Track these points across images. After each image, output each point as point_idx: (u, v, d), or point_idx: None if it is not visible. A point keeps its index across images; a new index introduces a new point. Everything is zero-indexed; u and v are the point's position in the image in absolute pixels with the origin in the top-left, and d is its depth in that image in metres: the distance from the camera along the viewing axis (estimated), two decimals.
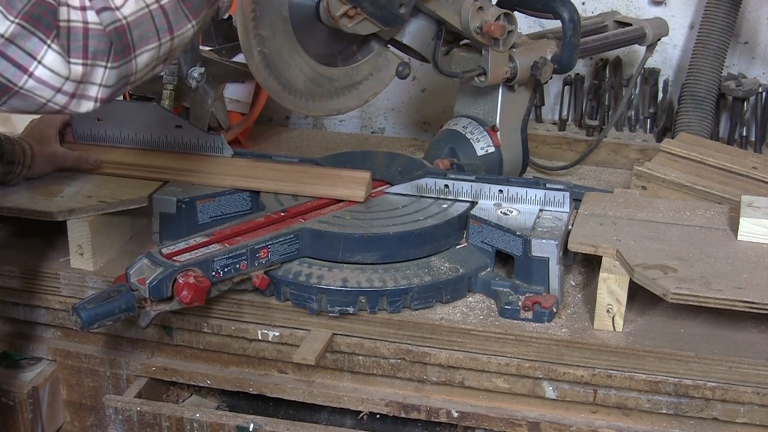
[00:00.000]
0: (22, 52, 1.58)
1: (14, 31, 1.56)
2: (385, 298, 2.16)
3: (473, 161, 2.63)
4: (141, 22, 1.68)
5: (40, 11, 1.58)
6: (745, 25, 3.27)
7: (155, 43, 1.72)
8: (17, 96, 1.61)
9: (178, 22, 1.74)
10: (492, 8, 2.53)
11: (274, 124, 3.66)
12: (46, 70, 1.60)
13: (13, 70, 1.58)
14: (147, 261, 2.11)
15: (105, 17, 1.63)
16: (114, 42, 1.64)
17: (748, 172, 2.64)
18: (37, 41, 1.58)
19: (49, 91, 1.62)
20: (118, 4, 1.65)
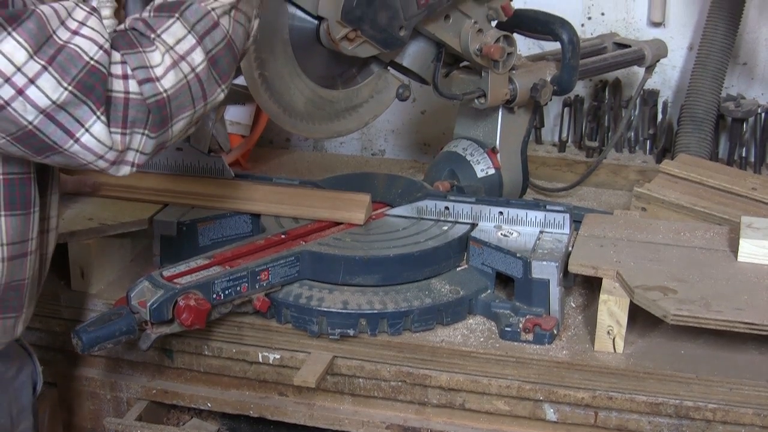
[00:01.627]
0: (71, 119, 1.59)
1: (66, 99, 1.57)
2: (385, 321, 2.16)
3: (473, 183, 2.63)
4: (179, 94, 1.70)
5: (93, 81, 1.59)
6: (744, 46, 3.28)
7: (190, 111, 1.74)
8: (61, 155, 1.63)
9: (210, 88, 1.76)
10: (491, 30, 2.54)
11: (275, 146, 3.66)
12: (92, 138, 1.61)
13: (61, 134, 1.59)
14: (148, 283, 2.11)
15: (146, 89, 1.65)
16: (153, 114, 1.67)
17: (748, 192, 2.64)
18: (87, 110, 1.59)
19: (92, 156, 1.64)
20: (158, 74, 1.67)
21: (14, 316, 1.84)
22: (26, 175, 1.76)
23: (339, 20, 2.23)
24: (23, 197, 1.76)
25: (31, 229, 1.80)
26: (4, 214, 1.74)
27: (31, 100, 1.55)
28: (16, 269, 1.79)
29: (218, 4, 1.77)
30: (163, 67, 1.68)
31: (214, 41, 1.75)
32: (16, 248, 1.77)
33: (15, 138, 1.59)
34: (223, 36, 1.77)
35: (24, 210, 1.77)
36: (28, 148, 1.62)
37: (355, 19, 2.24)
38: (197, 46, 1.73)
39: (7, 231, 1.75)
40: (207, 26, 1.74)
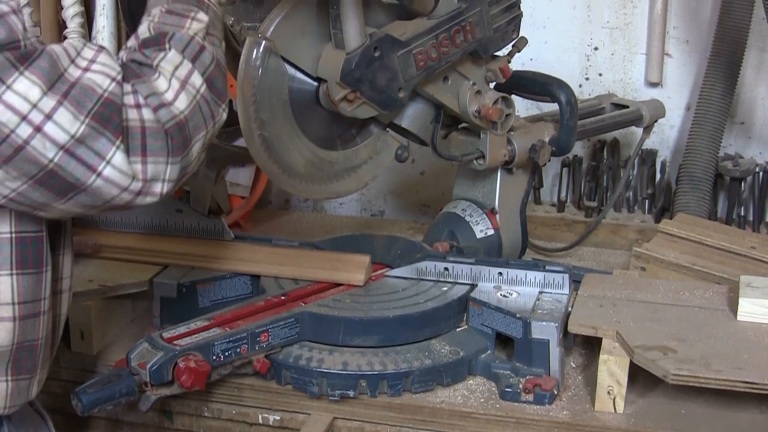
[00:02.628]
0: (91, 152, 1.58)
1: (84, 132, 1.57)
2: (385, 382, 2.16)
3: (472, 244, 2.64)
4: (194, 114, 1.71)
5: (109, 112, 1.59)
6: (741, 106, 3.30)
7: (204, 131, 1.74)
8: (84, 193, 1.62)
9: (215, 108, 1.77)
10: (490, 92, 2.56)
11: (275, 207, 3.68)
12: (115, 171, 1.61)
13: (82, 170, 1.59)
14: (148, 345, 2.11)
15: (162, 115, 1.65)
16: (174, 137, 1.66)
17: (747, 251, 2.64)
18: (106, 142, 1.59)
19: (116, 189, 1.63)
20: (170, 98, 1.67)
21: (28, 377, 1.82)
22: (38, 234, 1.75)
23: (338, 81, 2.25)
24: (35, 256, 1.76)
25: (44, 289, 1.79)
26: (16, 273, 1.73)
27: (50, 136, 1.55)
28: (28, 329, 1.77)
29: (196, 29, 1.80)
30: (172, 91, 1.69)
31: (204, 64, 1.77)
32: (29, 308, 1.76)
33: (37, 180, 1.58)
34: (211, 58, 1.78)
35: (36, 269, 1.76)
36: (51, 191, 1.60)
37: (355, 80, 2.25)
38: (194, 70, 1.74)
39: (18, 290, 1.74)
40: (195, 50, 1.76)
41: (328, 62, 2.28)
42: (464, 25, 2.43)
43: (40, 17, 3.28)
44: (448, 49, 2.41)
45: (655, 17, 3.26)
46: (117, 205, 1.68)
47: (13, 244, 1.72)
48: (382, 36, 2.28)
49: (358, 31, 2.24)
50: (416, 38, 2.34)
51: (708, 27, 3.24)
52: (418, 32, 2.35)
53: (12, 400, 1.80)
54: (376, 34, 2.28)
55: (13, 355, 1.77)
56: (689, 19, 3.28)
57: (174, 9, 1.83)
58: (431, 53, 2.37)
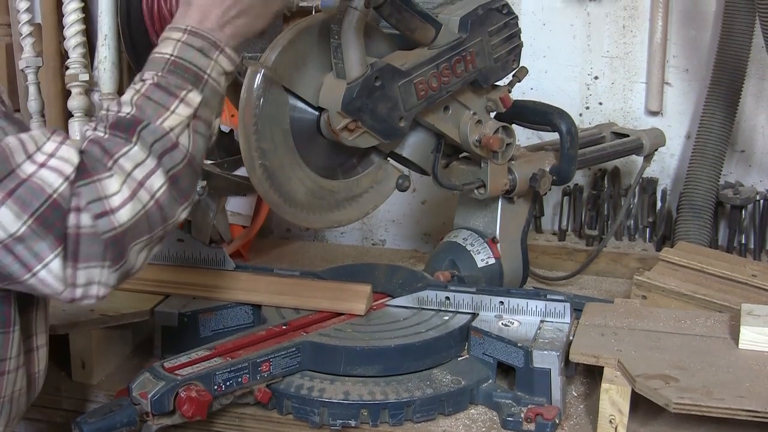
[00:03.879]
0: (28, 253, 1.56)
1: (25, 233, 1.54)
2: (386, 411, 2.16)
3: (474, 273, 2.64)
4: (137, 225, 1.66)
5: (54, 218, 1.56)
6: (741, 134, 3.30)
7: (147, 236, 1.69)
8: (21, 285, 1.61)
9: (171, 210, 1.72)
10: (490, 121, 2.56)
11: (276, 236, 3.68)
12: (49, 275, 1.58)
13: (18, 266, 1.57)
14: (149, 375, 2.11)
15: (101, 224, 1.61)
16: (111, 249, 1.62)
17: (748, 279, 2.64)
18: (46, 246, 1.56)
19: (50, 291, 1.61)
20: (114, 205, 1.63)
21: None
22: (3, 295, 1.72)
23: (339, 111, 2.25)
24: (2, 317, 1.73)
25: (9, 349, 1.76)
26: None
27: None
28: None
29: (176, 122, 1.74)
30: (120, 196, 1.63)
31: (174, 161, 1.72)
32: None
33: None
34: (183, 156, 1.73)
35: (2, 329, 1.74)
36: None
37: (356, 110, 2.26)
38: (157, 168, 1.69)
39: None
40: (165, 146, 1.71)
41: (329, 92, 2.29)
42: (465, 55, 2.44)
43: (42, 48, 3.31)
44: (448, 79, 2.41)
45: (655, 46, 3.27)
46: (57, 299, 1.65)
47: None
48: (383, 66, 2.29)
49: (359, 60, 2.25)
50: (417, 68, 2.35)
51: (708, 56, 3.25)
52: (419, 62, 2.36)
53: None
54: (377, 63, 2.29)
55: None
56: (689, 48, 3.30)
57: (166, 83, 1.77)
58: (432, 83, 2.38)
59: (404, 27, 2.34)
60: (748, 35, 3.07)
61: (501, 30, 2.53)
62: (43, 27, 3.28)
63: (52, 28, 3.28)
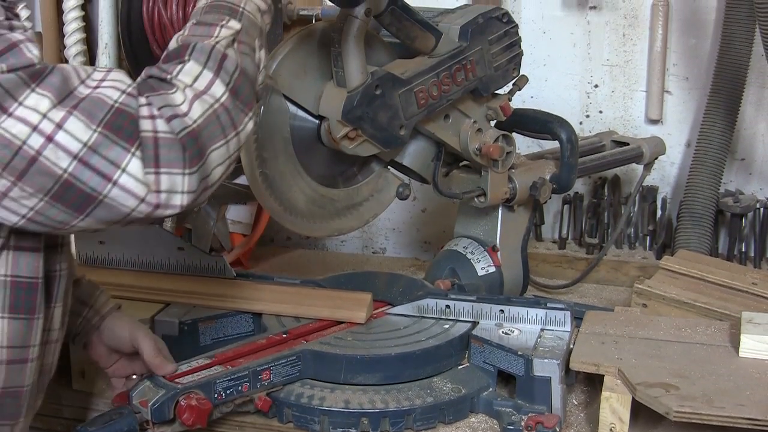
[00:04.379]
0: (105, 161, 1.57)
1: (97, 140, 1.56)
2: (387, 420, 2.15)
3: (474, 281, 2.64)
4: (209, 123, 1.68)
5: (121, 121, 1.59)
6: (741, 142, 3.31)
7: (222, 140, 1.71)
8: (102, 206, 1.60)
9: (238, 117, 1.74)
10: (491, 130, 2.57)
11: (276, 245, 3.68)
12: (130, 178, 1.59)
13: (98, 179, 1.58)
14: (149, 383, 2.11)
15: (175, 125, 1.63)
16: (189, 147, 1.64)
17: (748, 287, 2.64)
18: (120, 150, 1.58)
19: (133, 200, 1.61)
20: (184, 110, 1.65)
21: (10, 423, 1.82)
22: (34, 281, 1.75)
23: (340, 119, 2.26)
24: (28, 302, 1.75)
25: (34, 336, 1.79)
26: (7, 317, 1.73)
27: (62, 145, 1.55)
28: (15, 375, 1.77)
29: (220, 38, 1.77)
30: (187, 103, 1.66)
31: (228, 72, 1.74)
32: (17, 353, 1.76)
33: (53, 195, 1.57)
34: (234, 65, 1.76)
35: (27, 315, 1.76)
36: (68, 206, 1.59)
37: (356, 118, 2.26)
38: (215, 79, 1.72)
39: (8, 334, 1.73)
40: (217, 59, 1.74)
41: (329, 100, 2.29)
42: (465, 64, 2.45)
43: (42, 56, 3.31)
44: (449, 87, 2.42)
45: (655, 55, 3.28)
46: (136, 219, 1.65)
47: (7, 287, 1.72)
48: (383, 74, 2.30)
49: (360, 69, 2.25)
50: (417, 76, 2.35)
51: (708, 64, 3.25)
52: (419, 70, 2.36)
53: None
54: (377, 72, 2.29)
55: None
56: (689, 57, 3.30)
57: (204, 20, 1.82)
58: (432, 91, 2.38)
59: (404, 36, 2.34)
60: (748, 43, 3.07)
61: (501, 38, 2.53)
62: (44, 35, 3.28)
63: (52, 36, 3.29)
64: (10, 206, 1.59)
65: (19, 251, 1.73)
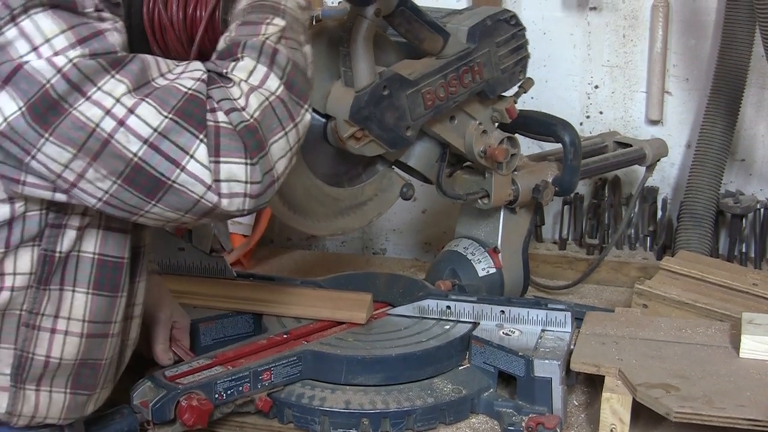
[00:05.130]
0: (175, 147, 1.61)
1: (167, 126, 1.60)
2: (387, 420, 2.15)
3: (474, 282, 2.64)
4: (266, 116, 1.71)
5: (192, 107, 1.63)
6: (742, 143, 3.31)
7: (281, 132, 1.73)
8: (171, 191, 1.63)
9: (295, 109, 1.77)
10: (495, 132, 2.57)
11: (276, 245, 3.68)
12: (198, 165, 1.63)
13: (167, 164, 1.61)
14: (150, 383, 2.11)
15: (234, 118, 1.66)
16: (247, 140, 1.67)
17: (749, 288, 2.64)
18: (190, 136, 1.62)
19: (200, 186, 1.64)
20: (242, 104, 1.69)
21: (87, 394, 1.86)
22: (120, 260, 1.81)
23: (347, 119, 2.26)
24: (113, 281, 1.80)
25: (116, 313, 1.83)
26: (91, 293, 1.78)
27: (133, 129, 1.58)
28: (94, 348, 1.82)
29: (268, 34, 1.80)
30: (243, 97, 1.70)
31: (281, 66, 1.77)
32: (98, 327, 1.80)
33: (125, 179, 1.61)
34: (286, 59, 1.78)
35: (111, 293, 1.81)
36: (140, 190, 1.63)
37: (363, 118, 2.26)
38: (269, 73, 1.75)
39: (90, 309, 1.78)
40: (269, 54, 1.77)
41: (336, 100, 2.29)
42: (472, 66, 2.45)
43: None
44: (456, 89, 2.42)
45: (655, 56, 3.28)
46: (206, 209, 1.68)
47: (94, 265, 1.77)
48: (391, 75, 2.30)
49: (368, 69, 2.26)
50: (425, 78, 2.35)
51: (708, 65, 3.25)
52: (427, 72, 2.36)
53: (68, 412, 1.84)
54: (385, 72, 2.30)
55: (75, 370, 1.81)
56: (689, 58, 3.30)
57: (249, 20, 1.84)
58: (439, 93, 2.38)
59: (413, 37, 2.34)
60: (749, 44, 3.07)
61: (509, 41, 2.53)
62: None
63: None
64: (87, 188, 1.63)
65: (108, 230, 1.79)
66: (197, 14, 1.93)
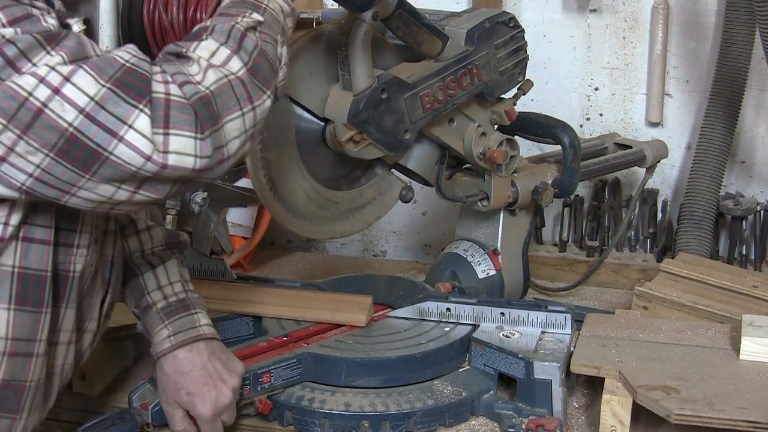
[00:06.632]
0: (112, 117, 1.55)
1: (105, 95, 1.55)
2: (387, 423, 2.15)
3: (474, 284, 2.64)
4: (222, 91, 1.67)
5: (131, 79, 1.58)
6: (742, 145, 3.31)
7: (238, 111, 1.69)
8: (107, 164, 1.57)
9: (255, 92, 1.73)
10: (495, 134, 2.57)
11: (276, 248, 3.68)
12: (137, 134, 1.57)
13: (103, 134, 1.55)
14: (150, 386, 2.11)
15: (188, 90, 1.62)
16: (200, 112, 1.62)
17: (749, 290, 2.64)
18: (128, 107, 1.56)
19: (139, 158, 1.58)
20: (198, 79, 1.65)
21: (10, 417, 1.79)
22: (43, 274, 1.74)
23: (345, 123, 2.25)
24: (36, 295, 1.74)
25: (40, 331, 1.76)
26: (13, 308, 1.71)
27: (68, 98, 1.53)
28: (17, 368, 1.75)
29: (242, 22, 1.77)
30: (201, 73, 1.66)
31: (247, 51, 1.74)
32: (20, 345, 1.74)
33: (59, 151, 1.55)
34: (254, 44, 1.75)
35: (35, 308, 1.74)
36: (74, 163, 1.56)
37: (362, 122, 2.26)
38: (233, 56, 1.72)
39: (13, 325, 1.71)
40: (236, 38, 1.74)
41: (335, 103, 2.29)
42: (471, 68, 2.44)
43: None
44: (454, 92, 2.42)
45: (655, 57, 3.28)
46: (144, 178, 1.62)
47: (14, 279, 1.71)
48: (389, 78, 2.30)
49: (366, 73, 2.26)
50: (423, 80, 2.35)
51: (708, 67, 3.25)
52: (426, 74, 2.36)
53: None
54: (383, 76, 2.29)
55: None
56: (689, 60, 3.30)
57: (226, 12, 1.82)
58: (438, 95, 2.38)
59: (411, 39, 2.34)
60: (748, 46, 3.08)
61: (507, 43, 2.53)
62: None
63: None
64: (17, 163, 1.57)
65: (29, 242, 1.72)
66: (197, 16, 1.93)
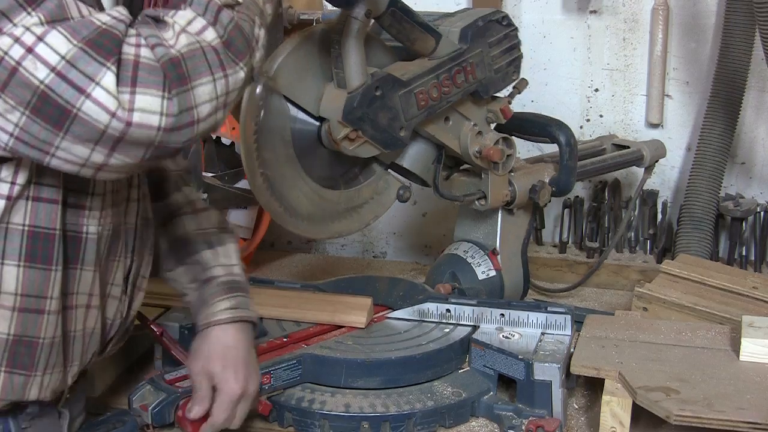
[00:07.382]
0: (82, 76, 1.58)
1: (76, 54, 1.57)
2: (387, 424, 2.15)
3: (474, 285, 2.64)
4: (194, 55, 1.68)
5: (103, 39, 1.60)
6: (742, 146, 3.31)
7: (209, 76, 1.70)
8: (77, 120, 1.59)
9: (228, 62, 1.73)
10: (491, 133, 2.57)
11: (276, 249, 3.68)
12: (103, 92, 1.59)
13: (72, 91, 1.58)
14: (150, 387, 2.11)
15: (159, 51, 1.64)
16: (169, 72, 1.64)
17: (749, 291, 2.64)
18: (98, 65, 1.58)
19: (105, 115, 1.59)
20: (171, 43, 1.66)
21: (23, 374, 1.80)
22: (52, 232, 1.77)
23: (340, 120, 2.25)
24: (45, 252, 1.77)
25: (50, 288, 1.78)
26: (23, 265, 1.74)
27: (40, 56, 1.56)
28: (29, 324, 1.77)
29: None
30: (174, 38, 1.67)
31: (222, 24, 1.74)
32: (30, 301, 1.76)
33: (33, 108, 1.58)
34: (230, 18, 1.75)
35: (44, 265, 1.77)
36: (47, 120, 1.59)
37: (356, 119, 2.26)
38: (208, 26, 1.72)
39: (22, 281, 1.74)
40: (213, 11, 1.74)
41: (330, 101, 2.29)
42: (465, 66, 2.45)
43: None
44: (449, 90, 2.42)
45: (655, 59, 3.28)
46: (114, 139, 1.63)
47: (24, 237, 1.74)
48: (383, 75, 2.30)
49: (360, 70, 2.25)
50: (417, 78, 2.35)
51: (708, 68, 3.25)
52: (420, 72, 2.36)
53: (3, 393, 1.79)
54: (377, 73, 2.29)
55: (9, 347, 1.76)
56: (689, 61, 3.30)
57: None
58: (432, 93, 2.38)
59: (405, 38, 2.34)
60: (748, 48, 3.08)
61: (501, 41, 2.53)
62: None
63: None
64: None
65: (38, 201, 1.76)
66: None
